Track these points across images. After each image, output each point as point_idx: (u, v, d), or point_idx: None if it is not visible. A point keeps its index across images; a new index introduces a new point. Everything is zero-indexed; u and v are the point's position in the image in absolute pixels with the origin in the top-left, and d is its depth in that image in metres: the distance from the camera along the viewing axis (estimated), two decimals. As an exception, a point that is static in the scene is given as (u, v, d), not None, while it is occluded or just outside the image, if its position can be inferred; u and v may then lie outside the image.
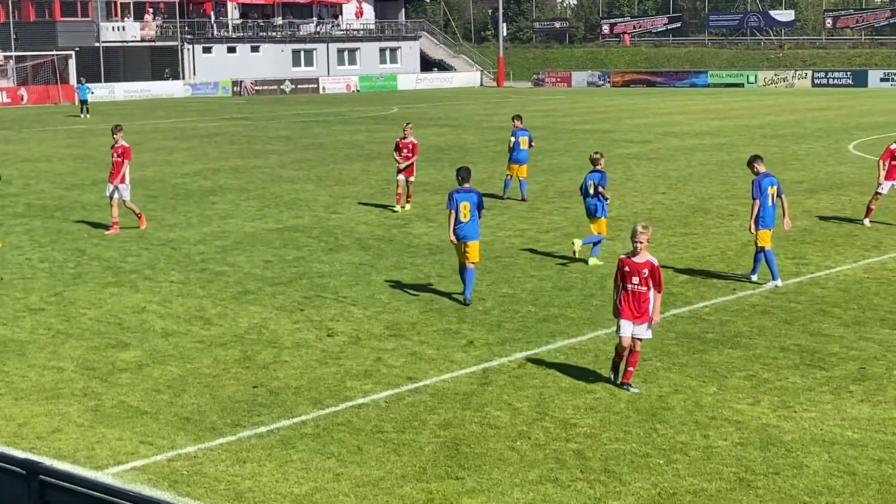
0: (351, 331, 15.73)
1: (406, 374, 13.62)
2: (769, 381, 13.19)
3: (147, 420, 12.13)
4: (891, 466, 10.54)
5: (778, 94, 79.30)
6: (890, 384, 12.99)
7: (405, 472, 10.57)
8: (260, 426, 11.88)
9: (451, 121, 57.32)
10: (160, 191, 31.07)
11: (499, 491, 10.10)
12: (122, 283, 19.11)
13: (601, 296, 17.57)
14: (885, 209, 25.66)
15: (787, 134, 45.67)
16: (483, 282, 18.63)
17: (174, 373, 13.83)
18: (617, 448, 11.10)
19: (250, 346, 15.02)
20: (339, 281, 18.97)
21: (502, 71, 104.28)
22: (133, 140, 48.00)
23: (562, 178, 32.47)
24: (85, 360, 14.48)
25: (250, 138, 48.13)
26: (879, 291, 17.60)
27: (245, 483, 10.36)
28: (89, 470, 10.65)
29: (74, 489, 6.43)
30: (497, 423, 11.88)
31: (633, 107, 67.24)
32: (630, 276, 12.86)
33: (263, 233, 23.95)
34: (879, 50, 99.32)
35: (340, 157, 39.36)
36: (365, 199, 28.74)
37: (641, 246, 12.91)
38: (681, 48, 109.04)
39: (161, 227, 24.97)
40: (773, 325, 15.68)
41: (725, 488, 10.09)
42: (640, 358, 14.23)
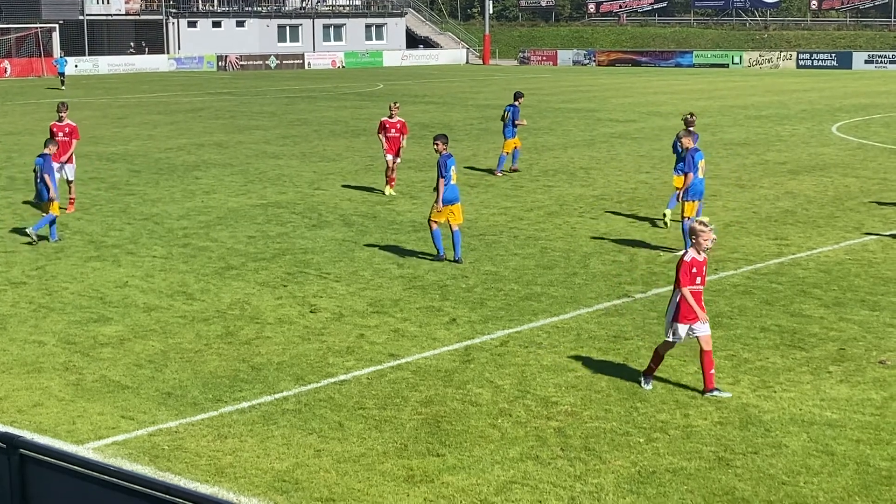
0: (334, 307, 15.74)
1: (388, 351, 13.64)
2: (749, 360, 13.26)
3: (128, 395, 12.13)
4: (868, 447, 10.62)
5: (762, 75, 79.37)
6: (869, 365, 13.07)
7: (386, 448, 10.61)
8: (241, 402, 11.89)
9: (437, 98, 57.21)
10: (143, 165, 30.97)
11: (479, 468, 10.14)
12: (105, 257, 19.06)
13: (584, 274, 17.61)
14: (867, 191, 25.75)
15: (770, 115, 45.75)
16: (466, 259, 18.65)
17: (156, 348, 13.82)
18: (597, 426, 11.15)
19: (233, 321, 15.01)
20: (323, 257, 18.97)
21: (488, 49, 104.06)
22: (116, 114, 47.88)
23: (546, 157, 32.47)
24: (66, 334, 14.45)
25: (235, 113, 47.97)
26: (860, 273, 17.68)
27: (226, 458, 10.38)
28: (70, 444, 10.65)
29: (55, 463, 6.43)
30: (478, 400, 11.91)
31: (618, 86, 67.23)
32: (695, 276, 12.05)
33: (247, 208, 23.90)
34: (864, 32, 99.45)
35: (325, 134, 39.27)
36: (349, 176, 28.70)
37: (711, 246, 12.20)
38: (666, 28, 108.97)
39: (144, 201, 24.89)
40: (753, 306, 15.75)
41: (704, 467, 10.15)
42: (622, 337, 14.31)
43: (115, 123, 43.79)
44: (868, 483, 9.82)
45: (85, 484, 6.23)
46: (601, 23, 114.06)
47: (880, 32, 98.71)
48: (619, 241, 20.20)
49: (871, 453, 10.47)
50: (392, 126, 25.59)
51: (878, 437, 10.87)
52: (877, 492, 9.65)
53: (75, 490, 6.31)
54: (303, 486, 9.78)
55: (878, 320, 14.94)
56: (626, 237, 20.60)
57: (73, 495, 6.34)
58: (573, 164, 30.88)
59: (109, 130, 41.00)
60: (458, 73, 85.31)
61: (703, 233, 11.95)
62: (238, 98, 57.86)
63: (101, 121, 44.94)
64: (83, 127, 42.24)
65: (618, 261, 18.64)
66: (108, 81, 74.47)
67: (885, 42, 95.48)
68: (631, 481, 9.86)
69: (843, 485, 9.78)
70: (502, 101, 54.00)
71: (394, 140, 25.45)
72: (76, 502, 6.34)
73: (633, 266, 18.26)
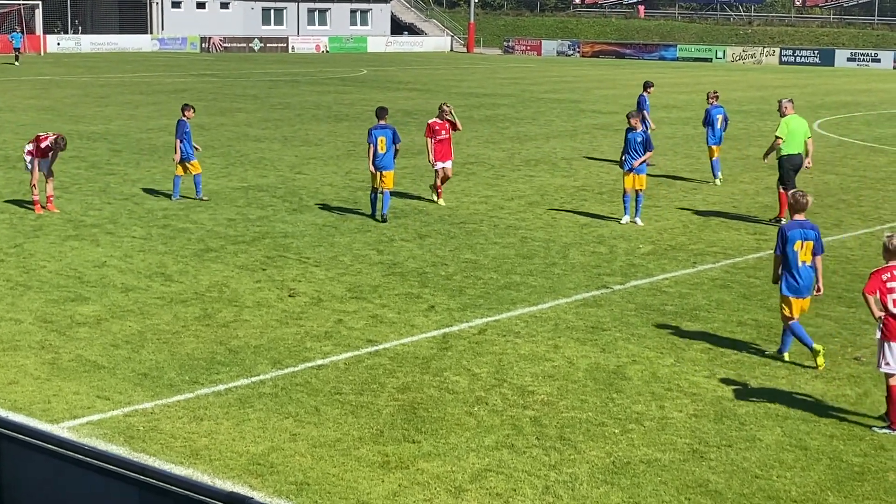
0: (312, 292, 15.72)
1: (366, 337, 13.64)
2: (726, 354, 13.31)
3: (104, 375, 12.09)
4: (842, 442, 10.68)
5: (745, 70, 79.53)
6: (844, 361, 13.14)
7: (362, 434, 10.61)
8: (218, 384, 11.87)
9: (420, 85, 57.13)
10: (124, 145, 30.84)
11: (455, 455, 10.16)
12: (83, 236, 18.98)
13: (563, 265, 17.64)
14: (846, 188, 25.87)
15: (752, 110, 45.86)
16: (446, 247, 18.66)
17: (133, 328, 13.78)
18: (573, 416, 11.18)
19: (210, 303, 14.98)
20: (303, 241, 18.94)
21: (472, 37, 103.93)
22: (98, 93, 47.65)
23: (528, 147, 32.48)
24: (43, 312, 14.40)
25: (217, 96, 47.80)
26: (837, 270, 17.76)
27: (201, 440, 10.36)
28: (45, 423, 10.62)
29: (29, 441, 6.41)
30: (455, 388, 11.93)
31: (601, 77, 67.26)
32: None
33: (227, 191, 23.84)
34: (847, 29, 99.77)
35: (308, 118, 39.18)
36: (331, 161, 28.65)
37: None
38: (651, 21, 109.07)
39: (124, 181, 24.79)
40: (731, 300, 15.80)
41: (679, 459, 10.20)
42: (600, 328, 14.33)
43: (96, 102, 43.57)
44: (841, 478, 9.88)
45: (59, 463, 6.21)
46: (586, 14, 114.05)
47: (863, 30, 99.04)
48: (600, 233, 20.23)
49: (844, 449, 10.53)
50: (442, 127, 22.46)
51: (851, 432, 10.94)
52: (849, 487, 9.71)
53: (49, 469, 6.29)
54: (278, 469, 9.78)
55: (854, 317, 15.01)
56: (607, 229, 20.64)
57: (48, 474, 6.32)
58: (555, 154, 30.89)
59: (91, 109, 40.80)
60: (442, 61, 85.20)
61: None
62: (221, 80, 57.65)
63: (82, 99, 44.72)
64: (64, 105, 42.10)
65: (597, 252, 18.68)
66: (91, 60, 74.08)
67: (868, 40, 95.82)
68: (605, 471, 9.89)
69: (815, 479, 9.84)
70: (486, 90, 54.06)
71: (444, 144, 22.47)
72: (50, 481, 6.32)
73: (613, 258, 18.30)
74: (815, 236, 12.71)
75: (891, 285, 10.96)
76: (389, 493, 9.39)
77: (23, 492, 6.47)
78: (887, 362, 10.98)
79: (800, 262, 12.68)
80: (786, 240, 12.68)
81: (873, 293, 11.03)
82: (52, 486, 6.31)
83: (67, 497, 6.25)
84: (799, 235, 12.68)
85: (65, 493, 6.26)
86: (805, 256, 12.67)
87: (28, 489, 6.45)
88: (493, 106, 30.96)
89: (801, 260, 12.68)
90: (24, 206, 21.46)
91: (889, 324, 10.95)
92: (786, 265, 12.76)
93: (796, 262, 12.70)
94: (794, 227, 12.77)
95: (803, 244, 12.66)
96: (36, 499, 6.41)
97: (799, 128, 21.37)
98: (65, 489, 6.25)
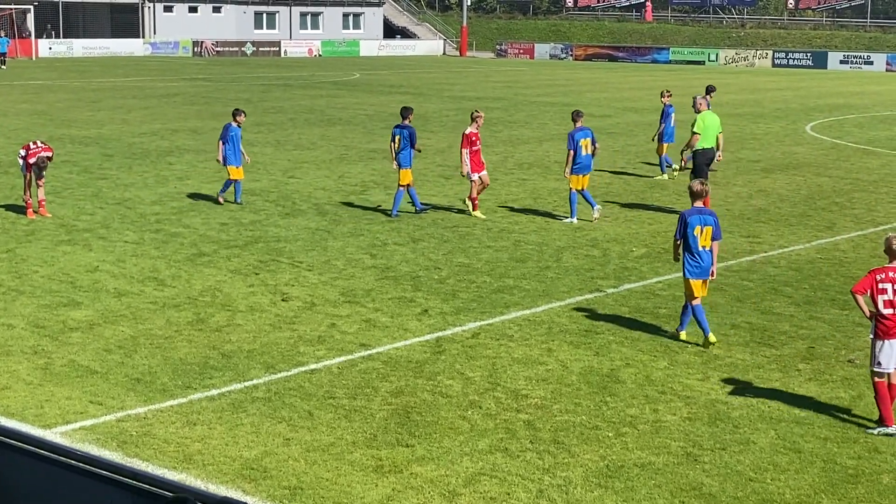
0: (305, 296, 15.70)
1: (359, 341, 13.62)
2: (719, 357, 13.31)
3: (97, 380, 12.06)
4: (835, 445, 10.68)
5: (738, 73, 79.63)
6: (838, 364, 13.15)
7: (356, 438, 10.59)
8: (211, 389, 11.84)
9: (413, 89, 57.14)
10: (116, 150, 30.79)
11: (448, 459, 10.14)
12: (76, 241, 18.95)
13: (556, 268, 17.64)
14: (839, 190, 25.90)
15: (745, 113, 45.91)
16: (439, 251, 18.65)
17: (126, 333, 13.75)
18: (567, 420, 11.17)
19: (203, 308, 14.95)
20: (295, 246, 18.92)
21: (465, 40, 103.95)
22: (90, 98, 47.59)
23: (521, 150, 32.48)
24: (35, 317, 14.36)
25: (209, 100, 47.76)
26: (831, 272, 17.78)
27: (194, 445, 10.34)
28: (37, 428, 10.59)
29: (21, 447, 6.38)
30: (449, 392, 11.91)
31: (594, 80, 67.31)
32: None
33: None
34: (840, 32, 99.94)
35: (300, 122, 39.15)
36: (323, 165, 28.63)
37: None
38: (643, 24, 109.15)
39: (116, 186, 24.75)
40: (725, 303, 15.81)
41: (673, 462, 10.19)
42: (593, 331, 14.32)
43: (88, 107, 43.52)
44: (834, 481, 9.88)
45: (52, 468, 6.19)
46: (579, 17, 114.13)
47: (856, 33, 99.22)
48: (593, 236, 20.24)
49: (838, 451, 10.54)
50: (478, 138, 21.79)
51: (845, 435, 10.94)
52: (843, 490, 9.71)
53: (42, 474, 6.26)
54: (271, 474, 9.76)
55: (847, 319, 15.02)
56: (600, 232, 20.64)
57: (40, 479, 6.29)
58: (548, 157, 30.89)
59: (83, 114, 40.75)
60: (435, 64, 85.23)
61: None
62: (213, 84, 57.61)
63: (74, 104, 44.67)
64: (56, 109, 42.04)
65: (590, 255, 18.68)
66: (83, 64, 74.00)
67: (861, 43, 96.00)
68: (599, 475, 9.88)
69: (809, 482, 9.84)
70: (478, 93, 54.08)
71: (478, 154, 21.69)
72: (42, 486, 6.30)
73: (606, 261, 18.30)
74: (714, 222, 13.55)
75: (883, 286, 10.98)
76: (383, 497, 9.37)
77: (15, 498, 6.45)
78: (879, 362, 10.98)
79: (700, 246, 13.47)
80: (686, 225, 13.54)
81: (862, 292, 11.06)
82: (45, 492, 6.29)
83: (60, 502, 6.22)
84: (698, 221, 13.50)
85: (57, 499, 6.23)
86: (704, 241, 13.47)
87: (20, 495, 6.42)
88: (485, 109, 30.94)
89: (701, 245, 13.47)
90: (16, 210, 21.42)
91: (879, 324, 10.98)
92: (687, 248, 13.59)
93: (696, 246, 13.49)
94: (693, 214, 13.63)
95: (703, 230, 13.47)
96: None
97: (713, 123, 22.39)
98: (57, 495, 6.22)
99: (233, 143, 22.43)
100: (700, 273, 13.56)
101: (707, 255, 13.55)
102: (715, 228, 13.57)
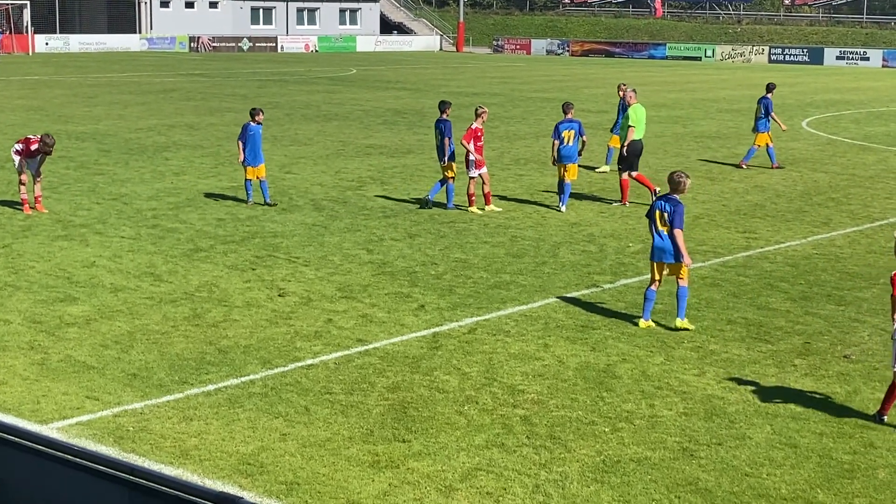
0: (302, 291, 15.70)
1: (356, 337, 13.63)
2: (715, 352, 13.33)
3: (94, 375, 12.06)
4: (831, 440, 10.70)
5: (735, 69, 79.64)
6: (833, 359, 13.16)
7: (352, 433, 10.60)
8: (208, 384, 11.85)
9: (410, 84, 57.11)
10: (113, 145, 30.77)
11: (445, 455, 10.16)
12: (72, 237, 18.94)
13: (553, 264, 17.65)
14: (835, 186, 25.92)
15: (742, 109, 45.90)
16: (436, 246, 18.66)
17: (122, 328, 13.75)
18: (563, 415, 11.18)
19: (200, 303, 14.96)
20: (292, 241, 18.92)
21: (462, 36, 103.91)
22: (86, 93, 47.55)
23: (518, 146, 32.49)
24: (32, 313, 14.36)
25: (206, 95, 47.72)
26: (827, 268, 17.80)
27: (191, 441, 10.34)
28: (34, 423, 10.59)
29: (18, 442, 6.39)
30: (445, 387, 11.92)
31: (591, 76, 67.29)
32: None
33: (217, 190, 23.81)
34: (836, 28, 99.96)
35: (297, 118, 39.14)
36: (320, 160, 28.62)
37: None
38: (640, 20, 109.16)
39: (113, 181, 24.74)
40: (721, 298, 15.82)
41: (669, 457, 10.20)
42: (590, 327, 14.33)
43: (85, 102, 43.48)
44: (830, 476, 9.90)
45: (49, 464, 6.20)
46: (575, 13, 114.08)
47: (852, 29, 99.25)
48: (589, 231, 20.25)
49: (833, 446, 10.55)
50: (482, 133, 21.96)
51: (840, 430, 10.96)
52: (839, 485, 9.73)
53: (39, 469, 6.28)
54: (268, 469, 9.77)
55: (843, 315, 15.04)
56: (596, 227, 20.66)
57: (37, 475, 6.30)
58: (545, 153, 30.85)
59: (79, 109, 40.71)
60: (432, 60, 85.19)
61: None
62: (210, 80, 57.56)
63: (71, 99, 44.63)
64: (53, 105, 42.01)
65: (587, 251, 18.69)
66: (79, 60, 73.92)
67: (857, 39, 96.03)
68: (595, 470, 9.90)
69: (805, 477, 9.85)
70: (475, 89, 54.06)
71: (480, 150, 21.72)
72: (40, 482, 6.31)
73: (603, 256, 18.31)
74: (671, 210, 14.12)
75: None
76: (380, 492, 9.38)
77: (12, 492, 6.46)
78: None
79: (659, 228, 14.18)
80: (651, 209, 14.40)
81: None
82: (42, 487, 6.30)
83: (57, 498, 6.23)
84: (659, 207, 14.27)
85: (54, 494, 6.24)
86: (663, 226, 14.16)
87: (18, 490, 6.43)
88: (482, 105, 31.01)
89: (660, 228, 14.17)
90: (12, 206, 21.41)
91: None
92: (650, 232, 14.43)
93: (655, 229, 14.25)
94: (659, 200, 14.43)
95: (663, 215, 14.15)
96: (26, 499, 6.39)
97: (643, 115, 23.05)
98: (54, 490, 6.23)
99: (252, 142, 21.98)
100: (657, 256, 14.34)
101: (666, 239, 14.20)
102: (674, 216, 14.10)
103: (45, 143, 20.46)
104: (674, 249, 14.14)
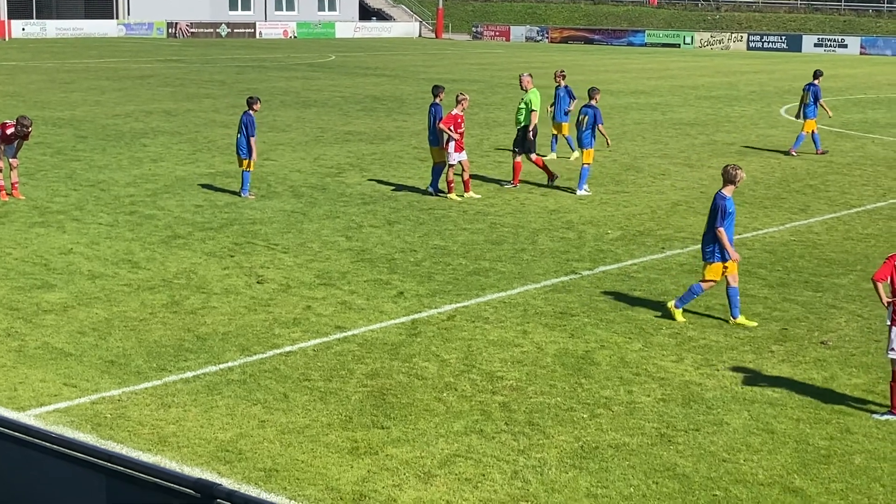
0: (281, 278, 15.68)
1: (335, 324, 13.62)
2: (693, 339, 13.38)
3: (71, 362, 12.02)
4: (808, 425, 10.76)
5: (713, 56, 79.79)
6: (811, 345, 13.23)
7: (331, 420, 10.60)
8: (186, 371, 11.83)
9: (389, 71, 57.01)
10: (90, 131, 30.62)
11: (424, 441, 10.17)
12: (49, 223, 18.85)
13: (532, 251, 17.67)
14: (812, 173, 26.02)
15: (720, 96, 46.03)
16: (415, 233, 18.65)
17: (100, 315, 13.70)
18: (542, 401, 11.21)
19: (178, 290, 14.91)
20: (271, 228, 18.88)
21: (441, 22, 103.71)
22: (63, 79, 47.27)
23: (497, 133, 32.48)
24: (9, 300, 14.29)
25: (184, 81, 47.52)
26: (804, 254, 17.87)
27: (169, 427, 10.33)
28: (11, 410, 10.55)
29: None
30: (424, 374, 11.93)
31: (570, 63, 67.25)
32: None
33: (195, 177, 23.73)
34: (814, 15, 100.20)
35: (276, 104, 39.01)
36: (299, 147, 28.55)
37: None
38: (619, 6, 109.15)
39: (90, 168, 24.62)
40: (699, 285, 15.85)
41: (647, 443, 10.24)
42: (569, 314, 14.36)
43: (62, 88, 43.23)
44: (807, 461, 9.96)
45: (26, 451, 6.17)
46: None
47: (830, 16, 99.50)
48: (568, 219, 20.27)
49: (810, 432, 10.61)
50: (462, 120, 21.91)
51: (817, 416, 11.02)
52: (815, 470, 9.78)
53: (16, 456, 6.25)
54: (246, 456, 9.76)
55: (820, 301, 15.12)
56: (575, 214, 20.68)
57: (14, 462, 6.28)
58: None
59: (56, 95, 40.49)
60: (411, 47, 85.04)
61: None
62: (188, 66, 57.31)
63: (47, 85, 44.37)
64: (29, 91, 41.75)
65: (566, 238, 18.71)
66: (56, 45, 73.48)
67: (835, 26, 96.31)
68: (574, 456, 9.93)
69: (782, 462, 9.91)
70: (454, 76, 53.98)
71: (461, 136, 21.72)
72: (17, 469, 6.28)
73: (581, 243, 18.34)
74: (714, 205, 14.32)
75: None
76: (358, 478, 9.39)
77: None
78: (892, 348, 10.88)
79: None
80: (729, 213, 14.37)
81: (883, 279, 11.00)
82: (19, 474, 6.27)
83: (35, 484, 6.21)
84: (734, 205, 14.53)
85: (32, 481, 6.22)
86: None
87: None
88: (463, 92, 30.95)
89: None
90: (-11, 192, 21.26)
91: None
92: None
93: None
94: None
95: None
96: (2, 486, 6.37)
97: (540, 100, 23.62)
98: (32, 477, 6.21)
99: (246, 132, 21.34)
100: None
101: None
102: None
103: (22, 124, 20.15)
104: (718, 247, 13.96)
